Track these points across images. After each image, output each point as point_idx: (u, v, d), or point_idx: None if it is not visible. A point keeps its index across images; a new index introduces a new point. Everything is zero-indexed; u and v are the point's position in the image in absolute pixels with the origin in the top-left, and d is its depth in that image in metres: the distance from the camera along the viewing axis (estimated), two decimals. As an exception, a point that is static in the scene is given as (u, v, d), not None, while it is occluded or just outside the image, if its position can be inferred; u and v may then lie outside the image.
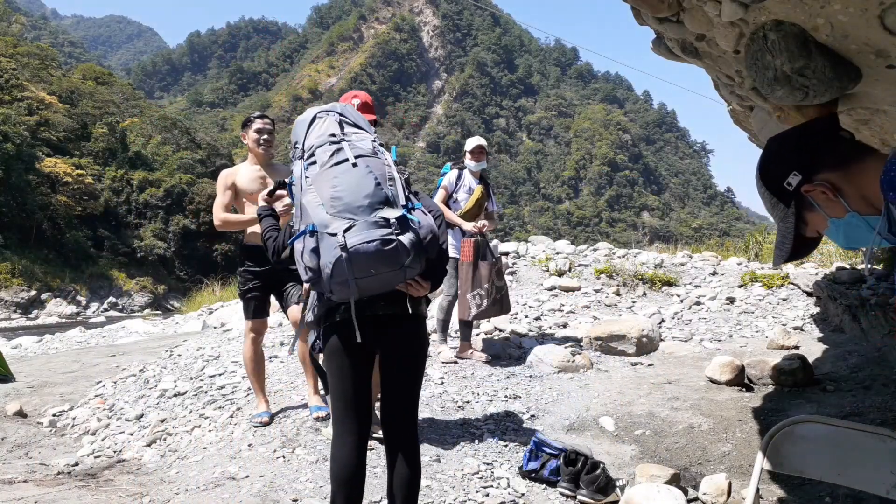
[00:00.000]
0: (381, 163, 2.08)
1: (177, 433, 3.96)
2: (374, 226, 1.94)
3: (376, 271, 1.95)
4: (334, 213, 1.95)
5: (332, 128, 2.15)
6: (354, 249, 1.90)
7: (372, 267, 1.93)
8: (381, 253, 1.92)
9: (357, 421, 2.13)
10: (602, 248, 9.81)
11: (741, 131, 4.74)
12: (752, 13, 2.01)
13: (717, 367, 4.58)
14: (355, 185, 1.99)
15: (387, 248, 1.92)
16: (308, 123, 2.19)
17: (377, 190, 1.99)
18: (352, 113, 2.24)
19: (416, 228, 1.99)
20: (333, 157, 2.04)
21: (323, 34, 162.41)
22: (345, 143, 2.09)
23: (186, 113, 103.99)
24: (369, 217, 1.95)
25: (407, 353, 2.18)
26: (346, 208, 1.96)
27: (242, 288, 3.89)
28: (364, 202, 1.96)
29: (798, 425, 1.85)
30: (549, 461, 3.21)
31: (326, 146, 2.08)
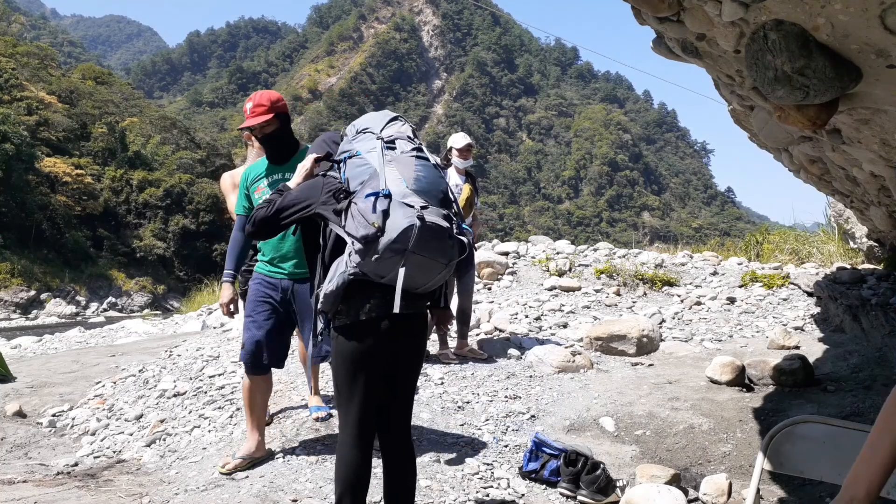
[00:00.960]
0: (441, 176, 2.26)
1: (176, 433, 3.95)
2: (444, 218, 2.07)
3: (431, 255, 2.02)
4: (415, 190, 2.06)
5: (408, 131, 2.30)
6: (429, 225, 1.99)
7: (431, 248, 2.02)
8: (443, 241, 2.04)
9: (368, 427, 2.13)
10: (602, 248, 9.80)
11: (742, 131, 4.74)
12: (753, 13, 2.00)
13: (718, 367, 4.57)
14: (434, 180, 2.16)
15: (448, 239, 2.05)
16: (387, 120, 2.31)
17: (448, 194, 2.19)
18: (412, 130, 2.40)
19: (467, 240, 2.14)
20: (415, 152, 2.19)
21: (323, 34, 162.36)
22: (417, 148, 2.23)
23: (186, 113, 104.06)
24: (441, 209, 2.09)
25: (412, 361, 2.24)
26: (425, 192, 2.09)
27: (242, 288, 3.88)
28: (440, 195, 2.14)
29: (798, 425, 1.85)
30: (549, 461, 3.21)
31: (405, 141, 2.22)
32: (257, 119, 3.14)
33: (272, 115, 3.16)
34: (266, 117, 3.15)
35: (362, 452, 2.11)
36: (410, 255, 1.96)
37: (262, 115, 3.14)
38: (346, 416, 2.13)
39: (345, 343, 2.09)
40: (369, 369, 2.09)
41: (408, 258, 1.96)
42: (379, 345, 2.07)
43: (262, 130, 3.19)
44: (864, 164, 3.33)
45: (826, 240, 9.67)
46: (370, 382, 2.10)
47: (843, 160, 3.57)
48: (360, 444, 2.11)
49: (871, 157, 3.01)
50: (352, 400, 2.10)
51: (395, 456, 2.17)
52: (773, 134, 3.47)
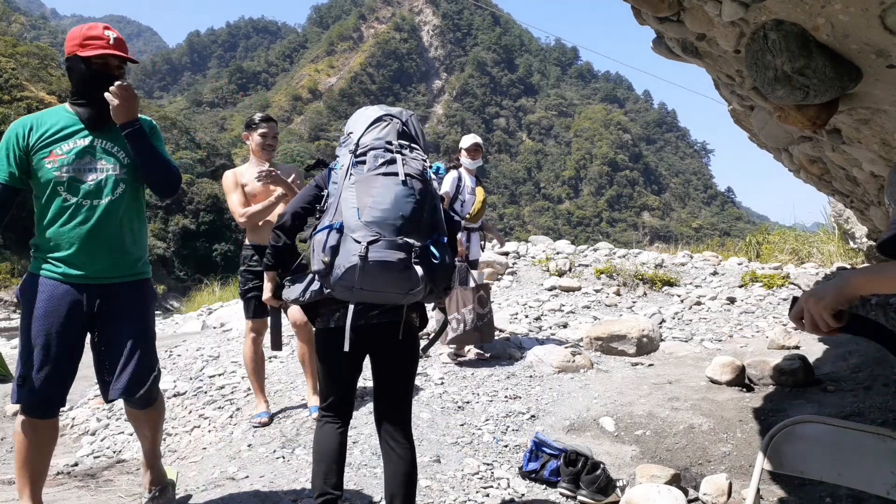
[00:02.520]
0: (426, 188, 2.10)
1: (176, 433, 3.96)
2: (398, 248, 1.96)
3: (382, 290, 2.00)
4: (366, 222, 1.97)
5: (391, 135, 2.16)
6: (373, 264, 1.93)
7: (381, 284, 1.98)
8: (394, 275, 1.96)
9: (340, 414, 2.27)
10: (602, 247, 9.80)
11: (742, 131, 4.74)
12: (753, 13, 2.00)
13: (718, 367, 4.57)
14: (396, 202, 2.00)
15: (402, 272, 1.96)
16: (370, 122, 2.20)
17: (414, 214, 2.01)
18: (415, 125, 2.26)
19: (435, 262, 2.02)
20: (383, 167, 2.06)
21: (323, 34, 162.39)
22: (399, 156, 2.10)
23: (186, 113, 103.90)
24: (396, 238, 1.97)
25: (397, 359, 2.23)
26: (378, 221, 1.97)
27: (243, 288, 3.89)
28: (397, 222, 1.98)
29: (798, 425, 1.85)
30: (549, 461, 3.20)
31: (380, 152, 2.10)
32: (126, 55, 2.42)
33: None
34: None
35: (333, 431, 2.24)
36: (359, 291, 1.99)
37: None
38: (321, 404, 2.30)
39: (321, 344, 2.22)
40: (341, 369, 2.23)
41: (358, 293, 2.01)
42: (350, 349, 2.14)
43: (118, 70, 2.43)
44: (864, 164, 3.33)
45: (826, 240, 9.67)
46: (341, 380, 2.25)
47: (843, 160, 3.57)
48: (330, 427, 2.25)
49: (872, 157, 3.01)
50: (327, 394, 2.27)
51: (388, 456, 2.21)
52: (773, 134, 3.47)
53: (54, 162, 2.31)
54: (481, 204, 5.07)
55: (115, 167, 2.39)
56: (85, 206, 2.33)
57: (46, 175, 2.30)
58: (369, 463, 3.20)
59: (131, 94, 2.34)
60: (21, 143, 2.30)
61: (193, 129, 61.75)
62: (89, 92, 2.35)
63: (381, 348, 2.22)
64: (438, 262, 2.03)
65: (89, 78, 2.35)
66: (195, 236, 45.26)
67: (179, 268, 44.39)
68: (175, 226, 44.88)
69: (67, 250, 2.32)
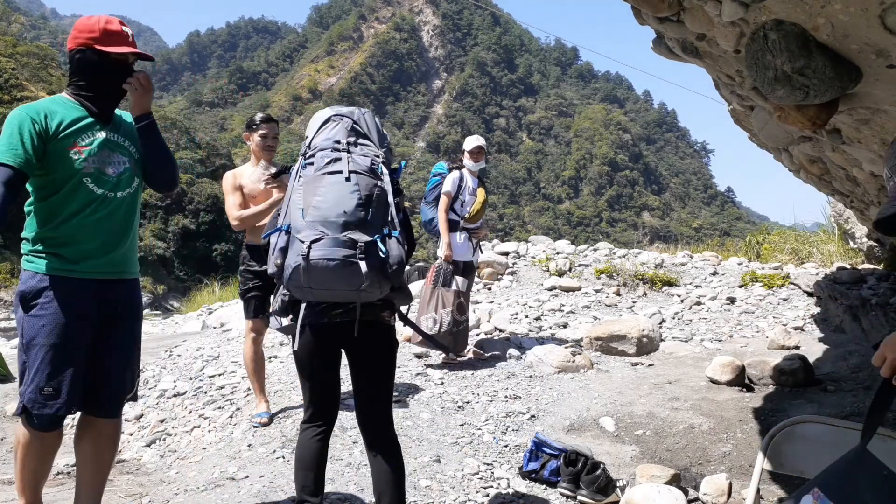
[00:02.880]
0: (375, 183, 2.08)
1: (176, 433, 3.96)
2: (341, 245, 1.95)
3: (331, 288, 2.00)
4: (309, 222, 1.99)
5: (339, 134, 2.16)
6: (314, 263, 1.94)
7: (328, 283, 1.98)
8: (339, 273, 1.95)
9: (319, 413, 2.28)
10: (602, 247, 9.80)
11: (742, 131, 4.74)
12: (753, 13, 2.01)
13: (718, 367, 4.57)
14: (338, 199, 2.00)
15: (346, 269, 1.95)
16: (321, 123, 2.22)
17: (357, 210, 2.00)
18: (368, 122, 2.24)
19: (383, 257, 1.99)
20: (329, 166, 2.07)
21: (323, 34, 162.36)
22: (345, 154, 2.09)
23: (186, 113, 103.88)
24: (339, 234, 1.96)
25: (368, 358, 2.22)
26: (321, 220, 1.98)
27: (243, 288, 3.89)
28: (339, 219, 1.98)
29: (798, 425, 1.85)
30: (549, 461, 3.21)
31: (328, 152, 2.10)
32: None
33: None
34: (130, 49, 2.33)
35: (314, 436, 2.27)
36: (309, 290, 2.02)
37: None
38: (304, 405, 2.34)
39: (297, 344, 2.24)
40: (313, 367, 2.25)
41: (310, 293, 2.04)
42: (318, 347, 2.20)
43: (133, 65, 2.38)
44: (864, 164, 3.33)
45: (826, 240, 9.67)
46: (316, 377, 2.27)
47: (843, 160, 3.57)
48: (311, 430, 2.28)
49: (871, 157, 3.01)
50: (306, 392, 2.31)
51: (371, 455, 2.23)
52: (773, 134, 3.47)
53: (80, 153, 2.23)
54: (480, 205, 5.08)
55: (129, 160, 2.37)
56: (109, 199, 2.29)
57: (72, 166, 2.21)
58: (362, 462, 3.20)
59: (150, 84, 2.33)
60: (39, 129, 2.16)
61: (193, 129, 61.76)
62: (102, 85, 2.30)
63: (350, 348, 2.22)
64: (385, 256, 1.99)
65: (105, 72, 2.29)
66: (195, 236, 45.29)
67: (179, 268, 44.43)
68: (175, 226, 44.90)
69: (90, 244, 2.24)
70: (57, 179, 2.22)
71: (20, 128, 2.13)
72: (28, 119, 2.15)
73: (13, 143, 2.11)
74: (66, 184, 2.22)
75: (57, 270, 2.21)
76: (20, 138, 2.11)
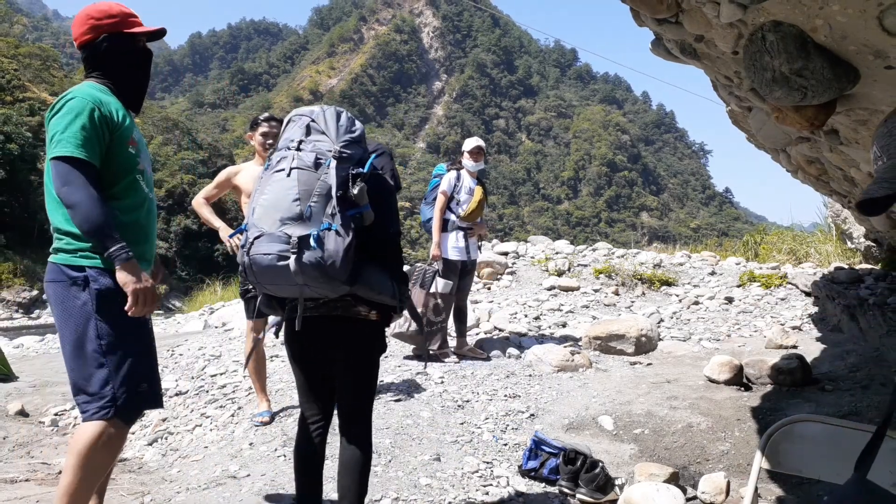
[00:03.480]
0: (316, 177, 2.04)
1: (178, 432, 3.97)
2: (277, 240, 1.97)
3: (274, 283, 2.03)
4: (255, 220, 2.03)
5: (295, 133, 2.15)
6: (253, 258, 1.99)
7: (269, 279, 2.01)
8: (273, 268, 1.97)
9: (307, 408, 2.31)
10: (601, 248, 9.82)
11: (740, 132, 4.76)
12: (751, 14, 2.02)
13: (716, 366, 4.59)
14: (277, 196, 2.02)
15: (279, 263, 1.96)
16: (286, 123, 2.24)
17: (293, 205, 1.99)
18: (327, 118, 2.19)
19: (318, 252, 1.95)
20: (277, 165, 2.09)
21: (323, 35, 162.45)
22: (294, 152, 2.09)
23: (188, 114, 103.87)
24: (276, 231, 1.98)
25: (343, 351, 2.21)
26: (261, 217, 2.02)
27: (243, 287, 3.91)
28: (276, 215, 1.99)
29: (796, 424, 1.86)
30: (548, 460, 3.22)
31: (283, 151, 2.12)
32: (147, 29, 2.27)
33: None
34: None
35: (304, 432, 2.30)
36: (260, 285, 2.08)
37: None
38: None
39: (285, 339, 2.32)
40: (295, 363, 2.31)
41: (261, 287, 2.11)
42: (295, 343, 2.27)
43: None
44: (861, 165, 3.35)
45: (824, 240, 9.69)
46: (298, 373, 2.32)
47: (841, 161, 3.58)
48: (303, 425, 2.32)
49: (869, 158, 3.02)
50: (297, 387, 2.36)
51: (342, 444, 2.24)
52: (771, 135, 3.49)
53: (134, 149, 2.17)
54: (476, 204, 5.09)
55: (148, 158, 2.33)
56: (150, 200, 2.28)
57: (129, 161, 2.15)
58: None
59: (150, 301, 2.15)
60: (111, 124, 2.09)
61: (195, 130, 61.80)
62: (132, 73, 2.24)
63: (327, 342, 2.22)
64: (324, 249, 1.94)
65: (136, 58, 2.23)
66: (197, 236, 45.26)
67: (181, 268, 44.37)
68: (177, 226, 44.91)
69: (143, 244, 2.21)
70: (116, 177, 2.13)
71: (98, 123, 2.04)
72: (104, 113, 2.07)
73: (89, 136, 2.01)
74: (122, 179, 2.15)
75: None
76: (96, 135, 2.03)
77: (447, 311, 5.02)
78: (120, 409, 2.06)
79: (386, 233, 2.18)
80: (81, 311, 2.04)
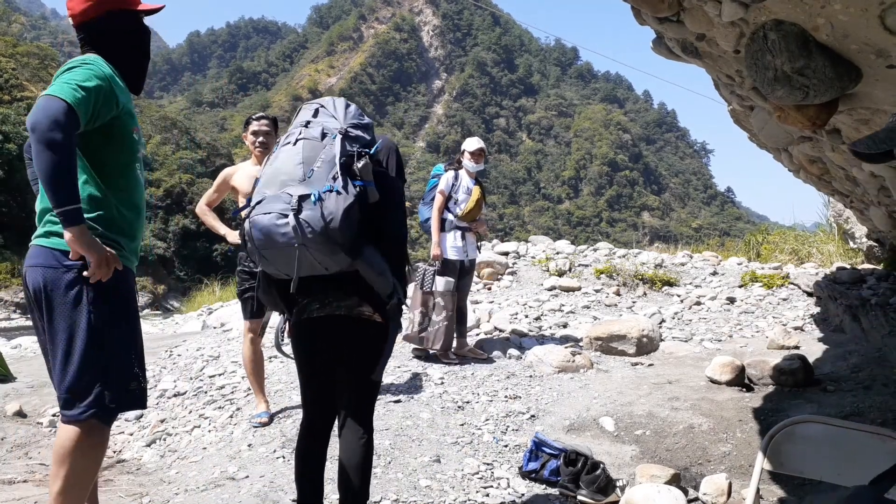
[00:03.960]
0: (321, 145, 2.08)
1: (176, 433, 3.96)
2: (278, 200, 1.98)
3: (271, 246, 1.99)
4: (259, 188, 2.07)
5: (306, 116, 2.22)
6: (254, 220, 1.99)
7: (267, 240, 1.98)
8: (273, 226, 1.96)
9: (310, 410, 2.28)
10: (602, 247, 9.80)
11: (741, 131, 4.74)
12: (753, 13, 2.01)
13: (718, 367, 4.58)
14: (281, 163, 2.07)
15: (278, 222, 1.94)
16: (298, 111, 2.30)
17: (295, 168, 2.02)
18: (336, 104, 2.25)
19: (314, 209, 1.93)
20: (287, 139, 2.14)
21: (323, 34, 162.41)
22: (303, 129, 2.15)
23: (186, 113, 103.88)
24: (278, 192, 2.00)
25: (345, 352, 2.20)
26: (266, 183, 2.05)
27: (240, 288, 3.90)
28: (279, 177, 2.03)
29: (798, 425, 1.85)
30: (549, 461, 3.21)
31: (293, 130, 2.17)
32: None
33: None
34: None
35: (306, 432, 2.26)
36: (258, 254, 2.03)
37: None
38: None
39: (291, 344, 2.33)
40: (300, 365, 2.30)
41: (262, 261, 2.05)
42: (301, 345, 2.26)
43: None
44: (863, 164, 3.34)
45: (826, 240, 9.67)
46: (308, 373, 2.28)
47: (843, 160, 3.57)
48: (304, 425, 2.28)
49: (871, 158, 3.00)
50: (301, 388, 2.32)
51: (342, 444, 2.22)
52: (773, 134, 3.47)
53: (137, 135, 2.10)
54: (474, 203, 5.09)
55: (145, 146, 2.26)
56: (145, 188, 2.22)
57: (133, 147, 2.08)
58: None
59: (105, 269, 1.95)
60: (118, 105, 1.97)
61: (194, 129, 61.81)
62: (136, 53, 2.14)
63: (332, 342, 2.20)
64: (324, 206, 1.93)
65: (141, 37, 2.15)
66: (195, 236, 45.26)
67: (180, 268, 44.42)
68: (175, 226, 44.91)
69: (139, 237, 2.15)
70: (120, 159, 2.05)
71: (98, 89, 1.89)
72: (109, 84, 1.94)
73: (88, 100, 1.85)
74: (126, 166, 2.07)
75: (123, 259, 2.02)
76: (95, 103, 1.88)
77: (449, 310, 4.99)
78: (107, 409, 1.96)
79: (393, 228, 2.18)
80: (76, 301, 1.92)
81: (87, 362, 1.93)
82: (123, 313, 2.01)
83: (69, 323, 1.92)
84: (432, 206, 5.15)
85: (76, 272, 1.93)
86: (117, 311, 1.99)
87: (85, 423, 1.93)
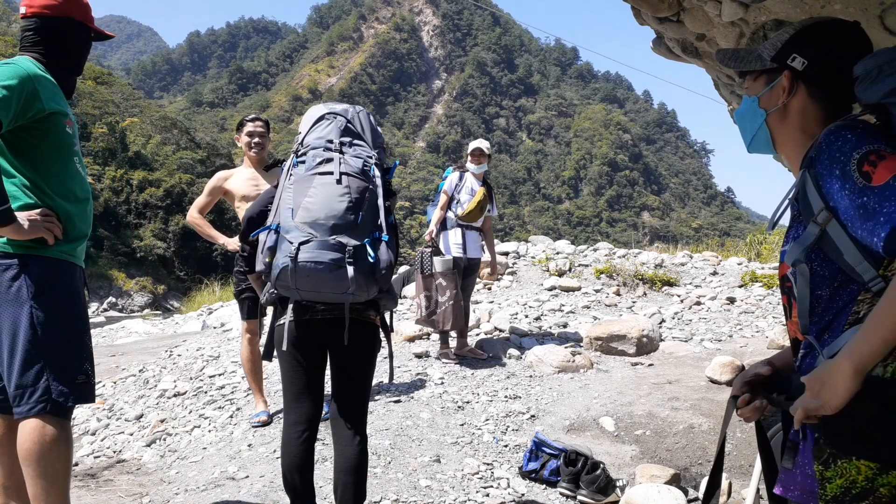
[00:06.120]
0: (366, 185, 2.07)
1: (176, 433, 3.96)
2: (330, 248, 1.95)
3: (318, 290, 2.01)
4: (299, 223, 1.98)
5: (332, 133, 2.14)
6: (302, 265, 1.94)
7: (315, 285, 1.99)
8: (326, 276, 1.96)
9: (300, 413, 2.23)
10: (602, 247, 9.80)
11: (741, 131, 4.74)
12: (753, 13, 2.01)
13: (718, 367, 4.58)
14: (328, 201, 1.99)
15: (333, 272, 1.95)
16: (314, 121, 2.20)
17: (346, 213, 1.99)
18: (362, 120, 2.23)
19: (371, 262, 1.99)
20: (320, 167, 2.06)
21: (323, 34, 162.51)
22: (337, 155, 2.09)
23: (186, 113, 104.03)
24: (328, 238, 1.96)
25: (351, 353, 2.20)
26: (310, 222, 1.97)
27: (237, 289, 3.90)
28: (329, 222, 1.97)
29: (798, 425, 1.84)
30: (549, 461, 3.21)
31: (320, 151, 2.10)
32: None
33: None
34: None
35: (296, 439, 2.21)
36: (296, 290, 2.02)
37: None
38: (284, 404, 2.31)
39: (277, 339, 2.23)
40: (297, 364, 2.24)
41: (297, 293, 2.04)
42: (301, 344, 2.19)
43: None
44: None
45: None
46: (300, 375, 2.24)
47: (843, 160, 3.56)
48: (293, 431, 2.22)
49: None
50: (286, 390, 2.28)
51: (335, 449, 2.21)
52: (773, 134, 3.47)
53: (71, 128, 2.09)
54: (475, 204, 5.16)
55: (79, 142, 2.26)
56: (87, 181, 2.22)
57: (67, 140, 2.07)
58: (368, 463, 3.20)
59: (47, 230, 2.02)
60: (43, 99, 1.97)
61: (193, 129, 61.84)
62: (75, 61, 2.17)
63: (333, 344, 2.19)
64: (374, 261, 2.00)
65: (83, 49, 2.19)
66: (195, 236, 45.16)
67: (179, 268, 44.39)
68: (175, 226, 44.87)
69: (86, 228, 2.15)
70: (53, 155, 2.06)
71: (20, 87, 1.90)
72: (31, 82, 1.94)
73: (9, 98, 1.86)
74: (61, 159, 2.08)
75: (64, 255, 2.04)
76: (16, 100, 1.89)
77: (452, 288, 4.93)
78: (55, 403, 1.96)
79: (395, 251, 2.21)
80: (16, 299, 1.94)
81: (31, 357, 1.95)
82: (66, 308, 2.02)
83: (12, 320, 1.95)
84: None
85: (16, 269, 1.95)
86: (60, 305, 2.00)
87: (38, 419, 1.94)
